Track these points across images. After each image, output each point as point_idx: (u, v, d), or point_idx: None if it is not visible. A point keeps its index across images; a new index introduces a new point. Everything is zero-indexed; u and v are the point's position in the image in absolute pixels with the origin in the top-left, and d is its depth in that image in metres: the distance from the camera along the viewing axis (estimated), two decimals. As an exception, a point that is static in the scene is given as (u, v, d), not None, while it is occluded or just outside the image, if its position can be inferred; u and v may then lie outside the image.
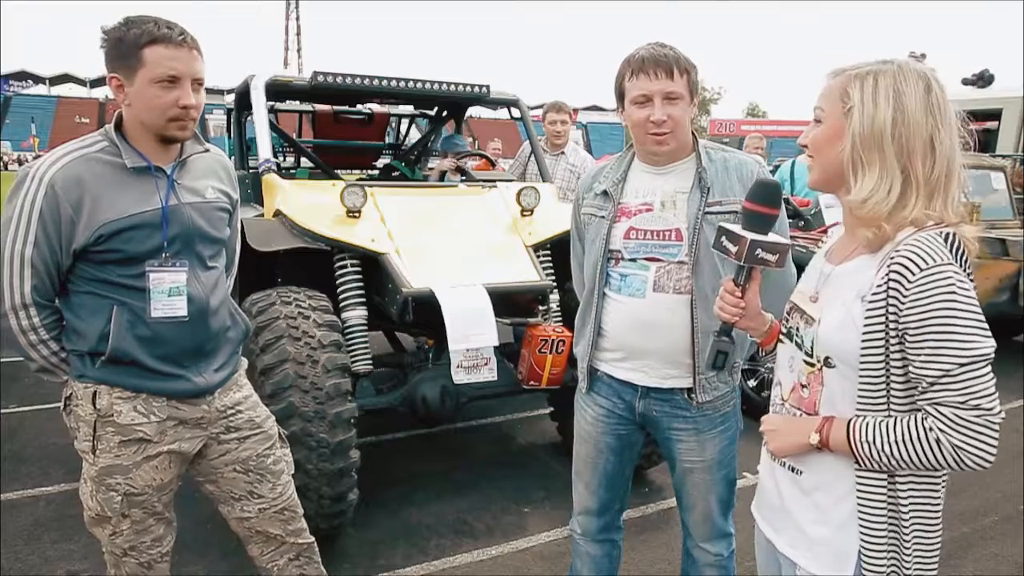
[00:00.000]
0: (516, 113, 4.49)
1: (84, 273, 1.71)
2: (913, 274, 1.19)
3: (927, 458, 1.20)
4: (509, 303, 3.28)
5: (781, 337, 1.48)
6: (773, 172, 5.25)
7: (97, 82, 66.30)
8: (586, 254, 2.03)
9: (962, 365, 1.17)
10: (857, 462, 1.27)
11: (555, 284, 3.44)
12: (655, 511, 3.45)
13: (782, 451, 1.40)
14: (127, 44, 1.64)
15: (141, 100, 1.67)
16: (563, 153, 4.97)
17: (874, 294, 1.23)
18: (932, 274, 1.18)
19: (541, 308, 3.35)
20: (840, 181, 1.32)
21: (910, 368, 1.22)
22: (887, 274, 1.21)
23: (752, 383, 4.56)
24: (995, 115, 10.58)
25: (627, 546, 2.47)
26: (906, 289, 1.19)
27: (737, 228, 1.48)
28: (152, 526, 1.84)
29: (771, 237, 1.46)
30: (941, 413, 1.18)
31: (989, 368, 1.18)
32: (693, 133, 1.94)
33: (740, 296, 1.50)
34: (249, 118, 4.32)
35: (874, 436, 1.24)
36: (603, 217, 1.95)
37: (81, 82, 67.43)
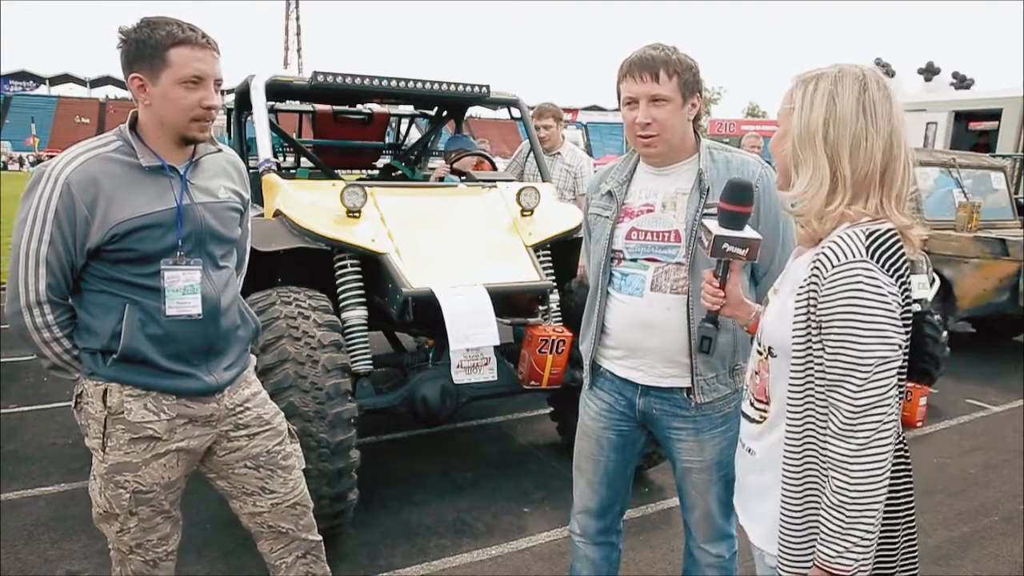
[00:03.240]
0: (516, 113, 4.49)
1: (97, 272, 1.72)
2: (827, 270, 1.22)
3: (849, 482, 1.20)
4: (509, 303, 3.29)
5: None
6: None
7: (97, 82, 66.41)
8: (592, 253, 2.06)
9: (858, 366, 1.18)
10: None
11: (555, 284, 3.44)
12: (655, 511, 3.45)
13: None
14: (152, 45, 1.65)
15: (165, 100, 1.68)
16: (559, 154, 4.96)
17: (800, 288, 1.28)
18: (841, 271, 1.20)
19: (541, 308, 3.35)
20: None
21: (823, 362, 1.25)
22: (811, 269, 1.26)
23: None
24: (995, 115, 10.58)
25: (627, 546, 2.47)
26: (821, 284, 1.23)
27: (712, 224, 1.56)
28: (159, 524, 1.85)
29: (743, 232, 1.54)
30: (833, 422, 1.21)
31: (888, 372, 1.19)
32: (697, 133, 1.94)
33: (720, 287, 1.59)
34: (249, 118, 4.32)
35: (834, 539, 1.20)
36: (607, 217, 1.97)
37: (81, 82, 67.53)
